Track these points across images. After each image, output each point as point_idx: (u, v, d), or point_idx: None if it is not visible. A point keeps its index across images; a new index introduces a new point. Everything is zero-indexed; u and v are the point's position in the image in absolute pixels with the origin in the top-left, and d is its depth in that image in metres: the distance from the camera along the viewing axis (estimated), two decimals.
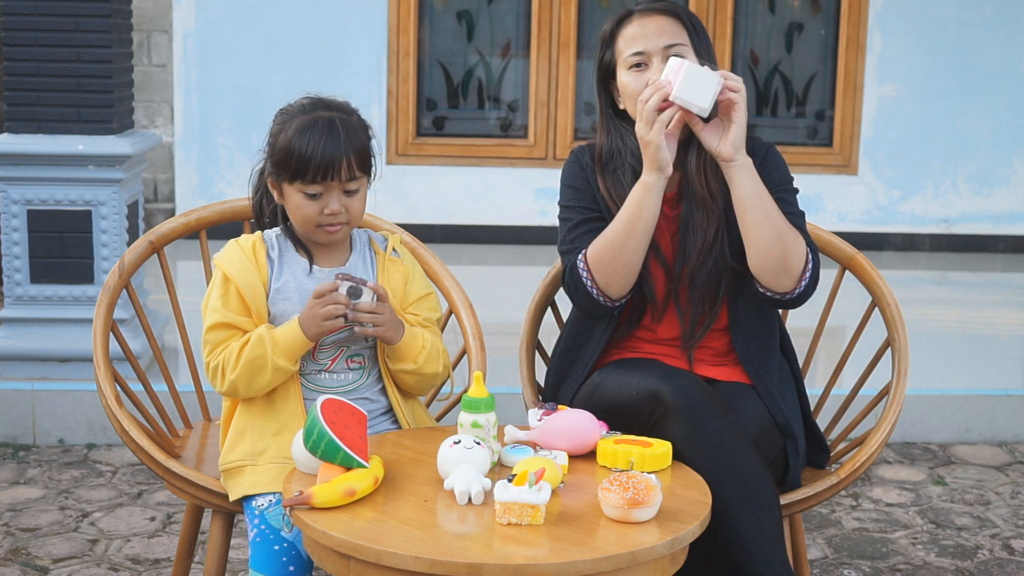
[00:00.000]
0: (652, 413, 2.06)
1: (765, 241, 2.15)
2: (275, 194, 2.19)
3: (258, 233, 2.23)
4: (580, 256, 2.22)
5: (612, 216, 2.23)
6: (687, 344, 2.29)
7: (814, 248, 2.23)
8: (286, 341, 2.08)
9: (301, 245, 2.20)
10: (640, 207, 2.15)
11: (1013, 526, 3.29)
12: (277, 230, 2.23)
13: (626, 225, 2.17)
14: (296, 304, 2.15)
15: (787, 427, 2.23)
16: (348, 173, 2.10)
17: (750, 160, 2.16)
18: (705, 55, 2.24)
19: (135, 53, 5.81)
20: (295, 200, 2.13)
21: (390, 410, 2.26)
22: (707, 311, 2.27)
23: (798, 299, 2.21)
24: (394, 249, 2.26)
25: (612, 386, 2.19)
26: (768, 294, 2.21)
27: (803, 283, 2.18)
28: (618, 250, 2.18)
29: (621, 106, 2.30)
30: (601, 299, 2.22)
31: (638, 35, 2.23)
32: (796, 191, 2.31)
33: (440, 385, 2.35)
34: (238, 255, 2.16)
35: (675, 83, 2.10)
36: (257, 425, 2.15)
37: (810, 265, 2.19)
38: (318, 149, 2.07)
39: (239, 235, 2.23)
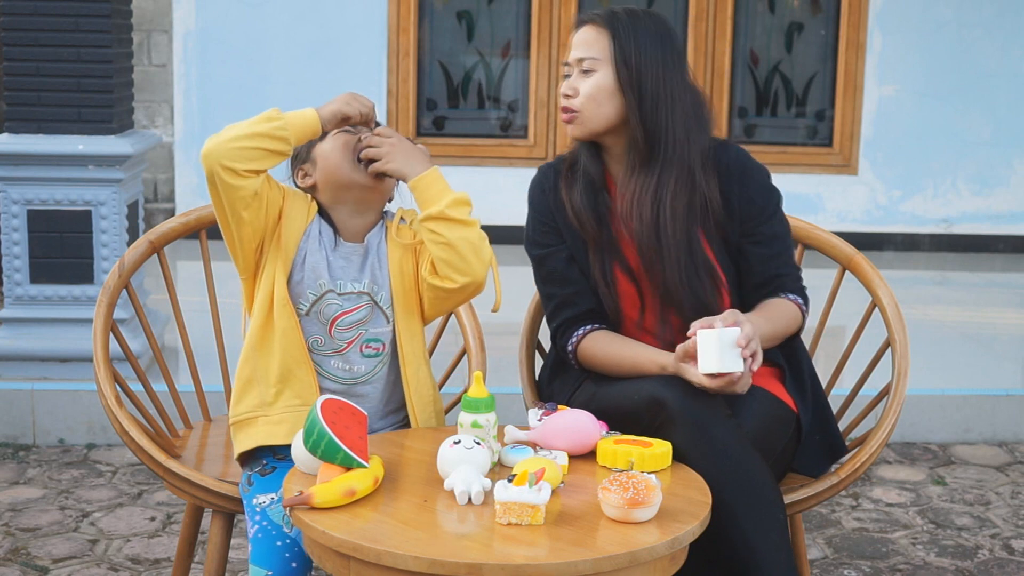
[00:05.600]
0: (654, 419, 2.06)
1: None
2: (309, 180, 2.19)
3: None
4: (571, 344, 2.31)
5: (571, 230, 2.29)
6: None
7: (800, 290, 2.34)
8: (293, 112, 2.07)
9: (328, 221, 2.19)
10: (640, 371, 2.19)
11: (1013, 526, 3.29)
12: None
13: (620, 371, 2.24)
14: (325, 276, 2.14)
15: (798, 408, 2.28)
16: (375, 124, 2.16)
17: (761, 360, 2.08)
18: (631, 69, 2.20)
19: (135, 53, 5.81)
20: (329, 144, 2.15)
21: (398, 409, 2.25)
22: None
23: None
24: (402, 218, 2.24)
25: (611, 391, 2.18)
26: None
27: (804, 326, 2.35)
28: (610, 370, 2.27)
29: None
30: (574, 362, 2.34)
31: (570, 46, 2.28)
32: (780, 200, 2.34)
33: (483, 275, 2.14)
34: (298, 192, 2.20)
35: (707, 361, 2.05)
36: (262, 374, 2.13)
37: (805, 318, 2.33)
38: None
39: None
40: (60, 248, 3.81)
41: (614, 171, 2.32)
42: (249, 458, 2.17)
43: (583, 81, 2.23)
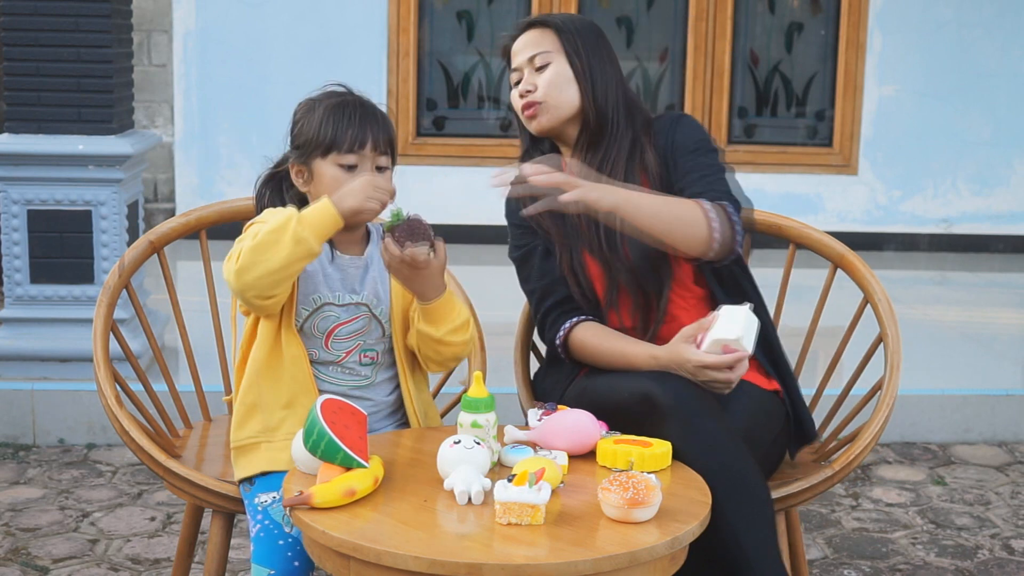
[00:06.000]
0: (645, 415, 2.06)
1: (661, 232, 2.16)
2: (300, 181, 2.16)
3: (290, 206, 2.19)
4: (559, 337, 2.32)
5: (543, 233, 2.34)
6: (647, 336, 2.30)
7: (729, 200, 2.23)
8: (312, 214, 2.01)
9: None
10: (631, 363, 2.21)
11: (1013, 526, 3.29)
12: None
13: (610, 363, 2.25)
14: (322, 288, 2.14)
15: (781, 384, 2.29)
16: (381, 146, 2.13)
17: (588, 189, 2.08)
18: (580, 56, 2.31)
19: (135, 53, 5.81)
20: (329, 175, 2.12)
21: (398, 409, 2.25)
22: (653, 301, 2.30)
23: (721, 252, 2.21)
24: None
25: (602, 388, 2.19)
26: (689, 260, 2.26)
27: (715, 235, 2.17)
28: (600, 362, 2.28)
29: None
30: (563, 354, 2.34)
31: (515, 52, 2.36)
32: (717, 150, 2.34)
33: (459, 360, 2.27)
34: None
35: (728, 328, 2.09)
36: (267, 400, 2.12)
37: (713, 220, 2.17)
38: (354, 119, 2.12)
39: (239, 235, 2.22)
40: (60, 248, 3.81)
41: (570, 162, 2.37)
42: None
43: (539, 76, 2.32)
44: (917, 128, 6.59)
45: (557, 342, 2.33)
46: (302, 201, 2.21)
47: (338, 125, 2.12)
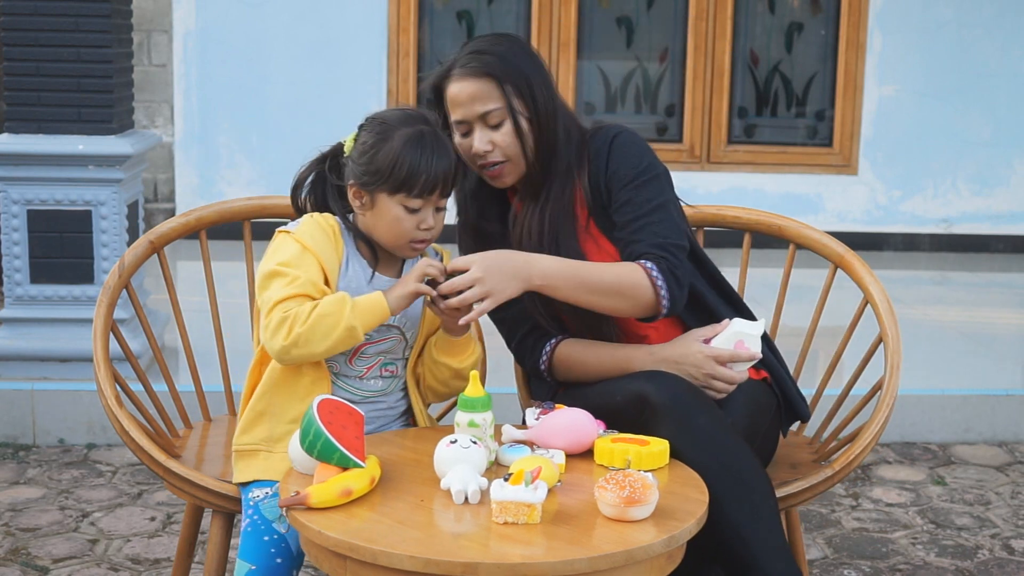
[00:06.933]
0: (640, 415, 2.06)
1: (602, 306, 2.15)
2: (357, 204, 2.12)
3: (330, 216, 2.16)
4: (543, 362, 2.30)
5: None
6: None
7: (669, 249, 2.17)
8: (366, 305, 2.03)
9: (364, 240, 2.15)
10: (627, 366, 2.20)
11: (1013, 526, 3.29)
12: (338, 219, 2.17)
13: (604, 370, 2.23)
14: None
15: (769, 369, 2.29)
16: (448, 190, 2.11)
17: (497, 293, 2.04)
18: (526, 100, 2.19)
19: (135, 53, 5.81)
20: (392, 212, 2.08)
21: (407, 411, 2.26)
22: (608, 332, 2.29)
23: (674, 310, 2.19)
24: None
25: (596, 390, 2.19)
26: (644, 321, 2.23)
27: (664, 301, 2.16)
28: (592, 373, 2.26)
29: None
30: (549, 378, 2.33)
31: (456, 101, 2.21)
32: (657, 176, 2.23)
33: (457, 393, 2.30)
34: (319, 231, 2.10)
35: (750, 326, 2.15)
36: (278, 411, 2.11)
37: (659, 282, 2.14)
38: (431, 163, 2.06)
39: (239, 235, 2.22)
40: (60, 248, 3.81)
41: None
42: None
43: (494, 133, 2.20)
44: (917, 128, 6.59)
45: (542, 367, 2.31)
46: (345, 210, 2.19)
47: (413, 166, 2.05)
